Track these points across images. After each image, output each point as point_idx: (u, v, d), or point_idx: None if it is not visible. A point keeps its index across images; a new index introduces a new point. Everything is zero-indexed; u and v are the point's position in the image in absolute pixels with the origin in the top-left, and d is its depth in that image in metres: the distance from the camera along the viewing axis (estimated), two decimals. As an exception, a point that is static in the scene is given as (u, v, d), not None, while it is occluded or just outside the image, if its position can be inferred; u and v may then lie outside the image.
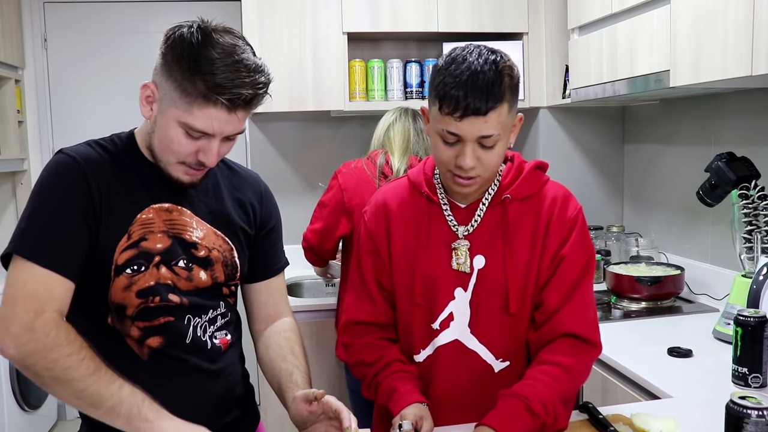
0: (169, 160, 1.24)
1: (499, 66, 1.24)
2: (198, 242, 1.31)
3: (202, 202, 1.34)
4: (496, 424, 1.21)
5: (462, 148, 1.26)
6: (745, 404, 1.14)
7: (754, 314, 1.62)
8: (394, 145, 2.42)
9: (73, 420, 3.98)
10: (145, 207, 1.26)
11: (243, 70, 1.16)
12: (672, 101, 2.75)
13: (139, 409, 1.12)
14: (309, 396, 1.25)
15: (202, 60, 1.14)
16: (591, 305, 1.40)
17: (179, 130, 1.19)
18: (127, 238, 1.23)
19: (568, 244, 1.36)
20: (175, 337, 1.28)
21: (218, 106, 1.15)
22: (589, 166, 3.21)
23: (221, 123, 1.18)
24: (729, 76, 1.80)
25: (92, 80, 3.84)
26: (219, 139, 1.21)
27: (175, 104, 1.18)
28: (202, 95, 1.14)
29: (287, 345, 1.41)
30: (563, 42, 2.98)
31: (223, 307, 1.36)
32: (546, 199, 1.39)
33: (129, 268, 1.23)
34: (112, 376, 1.13)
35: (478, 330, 1.37)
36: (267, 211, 1.45)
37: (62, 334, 1.12)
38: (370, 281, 1.43)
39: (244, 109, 1.19)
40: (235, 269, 1.37)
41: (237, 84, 1.15)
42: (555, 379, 1.29)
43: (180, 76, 1.15)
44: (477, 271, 1.36)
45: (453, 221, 1.39)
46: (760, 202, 2.00)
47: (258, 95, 1.19)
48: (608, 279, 2.55)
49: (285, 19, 2.93)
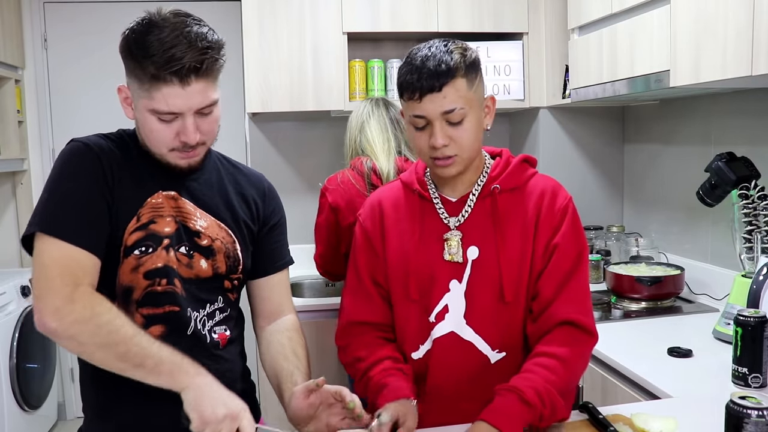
0: (159, 150, 1.28)
1: (449, 47, 1.31)
2: (201, 231, 1.34)
3: (205, 195, 1.37)
4: (492, 418, 1.21)
5: (432, 129, 1.32)
6: (745, 404, 1.14)
7: (754, 314, 1.62)
8: (375, 148, 2.34)
9: (73, 420, 3.98)
10: (153, 193, 1.31)
11: (183, 41, 1.18)
12: (672, 101, 2.75)
13: (179, 366, 1.16)
14: (310, 386, 1.25)
15: (146, 45, 1.19)
16: (586, 293, 1.41)
17: (151, 117, 1.23)
18: (136, 220, 1.27)
19: (560, 234, 1.38)
20: (176, 327, 1.30)
21: (169, 82, 1.18)
22: (589, 166, 3.21)
23: (181, 98, 1.20)
24: (729, 76, 1.80)
25: (92, 80, 3.84)
26: (191, 115, 1.23)
27: (140, 95, 1.22)
28: (153, 76, 1.18)
29: (290, 345, 1.42)
30: (563, 42, 2.98)
31: (222, 302, 1.37)
32: (535, 190, 1.41)
33: (137, 249, 1.27)
34: (151, 339, 1.18)
35: (474, 320, 1.38)
36: (270, 208, 1.47)
37: (101, 303, 1.17)
38: (367, 279, 1.45)
39: (196, 78, 1.20)
40: (237, 262, 1.39)
41: (177, 56, 1.17)
42: (550, 370, 1.30)
43: (133, 66, 1.21)
44: (471, 262, 1.38)
45: (444, 214, 1.41)
46: (760, 202, 2.00)
47: (204, 60, 1.20)
48: (608, 279, 2.55)
49: (285, 19, 2.93)
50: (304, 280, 3.20)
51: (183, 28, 1.20)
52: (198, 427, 1.12)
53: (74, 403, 4.01)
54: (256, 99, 2.93)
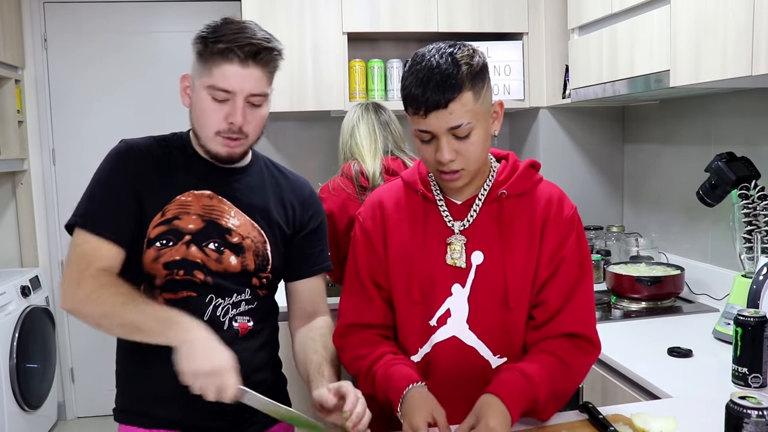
0: (206, 134, 1.37)
1: (455, 56, 1.26)
2: (233, 229, 1.42)
3: (244, 195, 1.45)
4: (501, 392, 1.24)
5: (438, 143, 1.28)
6: (745, 404, 1.14)
7: (754, 314, 1.62)
8: (363, 150, 2.42)
9: (73, 420, 3.99)
10: (186, 191, 1.41)
11: (250, 32, 1.33)
12: (672, 101, 2.75)
13: (173, 322, 1.25)
14: (341, 391, 1.26)
15: (218, 29, 1.33)
16: (591, 305, 1.42)
17: (206, 96, 1.33)
18: (161, 215, 1.38)
19: (567, 246, 1.38)
20: (193, 312, 1.34)
21: (231, 60, 1.30)
22: (589, 166, 3.21)
23: (238, 78, 1.31)
24: (729, 76, 1.80)
25: (92, 80, 3.84)
26: (242, 98, 1.33)
27: (200, 75, 1.34)
28: (218, 53, 1.31)
29: (321, 340, 1.47)
30: (563, 42, 2.98)
31: (249, 294, 1.44)
32: (541, 197, 1.40)
33: (158, 241, 1.37)
34: (147, 302, 1.30)
35: (477, 326, 1.37)
36: (308, 215, 1.54)
37: (104, 278, 1.31)
38: (367, 280, 1.43)
39: (254, 63, 1.33)
40: (267, 261, 1.45)
41: (243, 39, 1.31)
42: (555, 374, 1.32)
43: (202, 49, 1.33)
44: (475, 267, 1.37)
45: (449, 217, 1.39)
46: (760, 202, 2.00)
47: (266, 48, 1.34)
48: (608, 279, 2.55)
49: (285, 19, 2.93)
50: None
51: (251, 26, 1.36)
52: (186, 380, 1.20)
53: (74, 402, 4.01)
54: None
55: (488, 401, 1.23)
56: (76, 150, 3.81)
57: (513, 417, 1.23)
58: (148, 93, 3.84)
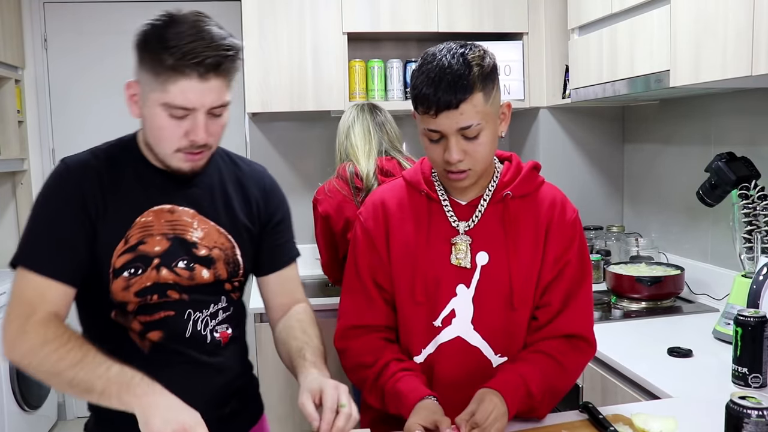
0: (165, 150, 1.26)
1: (467, 57, 1.26)
2: (198, 242, 1.33)
3: (205, 200, 1.36)
4: (499, 388, 1.27)
5: (447, 142, 1.28)
6: (745, 404, 1.14)
7: (754, 314, 1.62)
8: (357, 151, 2.44)
9: (73, 420, 3.98)
10: (145, 210, 1.29)
11: (206, 38, 1.18)
12: (672, 101, 2.75)
13: (128, 386, 1.13)
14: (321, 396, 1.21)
15: (166, 37, 1.17)
16: (591, 306, 1.45)
17: (163, 113, 1.21)
18: (124, 242, 1.27)
19: (572, 249, 1.40)
20: (174, 332, 1.31)
21: (189, 75, 1.17)
22: (589, 166, 3.21)
23: (197, 93, 1.19)
24: (729, 76, 1.80)
25: (92, 80, 3.84)
26: (203, 113, 1.21)
27: (152, 89, 1.20)
28: (172, 68, 1.16)
29: (299, 326, 1.43)
30: (563, 42, 2.98)
31: (225, 301, 1.38)
32: (545, 199, 1.41)
33: (126, 271, 1.27)
34: (100, 361, 1.15)
35: (482, 326, 1.38)
36: (272, 206, 1.47)
37: (51, 331, 1.18)
38: (368, 280, 1.43)
39: (215, 75, 1.19)
40: (237, 266, 1.39)
41: (201, 50, 1.16)
42: (550, 373, 1.35)
43: (150, 59, 1.19)
44: (480, 267, 1.37)
45: (453, 217, 1.39)
46: (760, 202, 2.00)
47: (226, 58, 1.20)
48: (608, 279, 2.55)
49: (285, 19, 2.93)
50: (304, 280, 3.15)
51: (203, 26, 1.20)
52: None
53: (74, 403, 4.01)
54: (256, 99, 2.93)
55: (488, 391, 1.26)
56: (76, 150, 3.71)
57: (510, 412, 1.26)
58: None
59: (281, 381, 2.73)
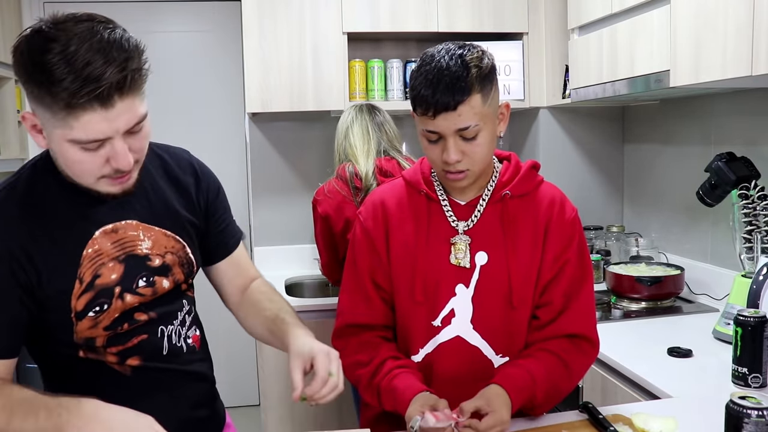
0: (87, 181, 1.12)
1: (465, 59, 1.27)
2: (149, 253, 1.25)
3: (143, 206, 1.26)
4: (507, 385, 1.28)
5: (445, 143, 1.29)
6: (745, 404, 1.14)
7: (754, 314, 1.62)
8: (356, 151, 2.45)
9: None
10: (87, 241, 1.18)
11: (97, 56, 0.99)
12: (672, 101, 2.76)
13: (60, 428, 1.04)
14: None
15: (48, 67, 0.98)
16: (593, 305, 1.46)
17: (72, 148, 1.06)
18: (79, 283, 1.16)
19: (571, 248, 1.40)
20: (152, 353, 1.27)
21: (88, 108, 1.00)
22: (589, 166, 3.21)
23: (107, 122, 1.03)
24: (729, 76, 1.80)
25: (92, 80, 3.84)
26: (120, 138, 1.07)
27: (53, 125, 1.04)
28: (68, 105, 0.99)
29: (264, 297, 1.41)
30: (563, 42, 2.98)
31: (186, 304, 1.35)
32: (544, 198, 1.42)
33: (91, 311, 1.18)
34: (28, 411, 1.06)
35: (481, 326, 1.38)
36: (204, 188, 1.38)
37: None
38: (366, 280, 1.43)
39: (120, 97, 1.02)
40: (191, 265, 1.34)
41: (94, 75, 0.98)
42: (555, 375, 1.35)
43: (39, 93, 1.01)
44: (479, 267, 1.37)
45: (453, 217, 1.40)
46: (760, 202, 2.00)
47: (128, 74, 1.02)
48: (608, 279, 2.55)
49: (285, 19, 2.93)
50: (304, 280, 3.20)
51: (91, 38, 1.00)
52: None
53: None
54: (256, 99, 2.93)
55: (497, 392, 1.26)
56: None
57: (513, 408, 1.27)
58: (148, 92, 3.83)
59: (282, 381, 2.73)
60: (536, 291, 1.39)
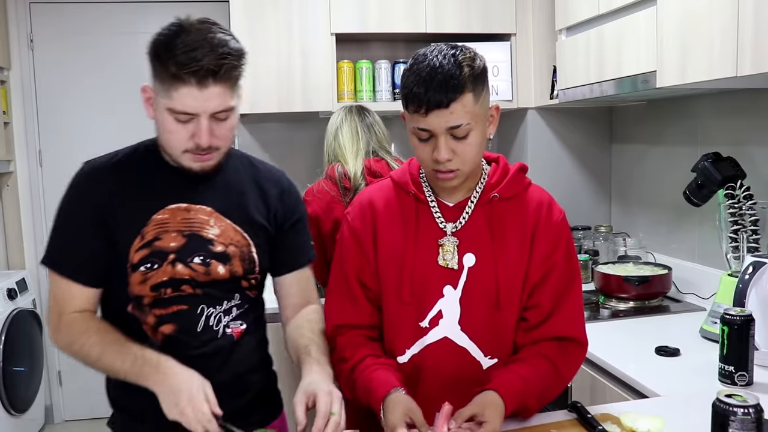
0: (174, 152, 1.33)
1: (458, 58, 1.27)
2: (214, 239, 1.39)
3: (221, 198, 1.42)
4: (502, 390, 1.28)
5: (436, 141, 1.29)
6: (731, 402, 1.15)
7: (740, 313, 1.63)
8: (345, 152, 2.46)
9: (60, 423, 3.96)
10: (161, 208, 1.36)
11: (206, 46, 1.22)
12: (659, 102, 2.77)
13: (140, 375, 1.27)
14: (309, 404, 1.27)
15: (171, 46, 1.23)
16: (582, 307, 1.46)
17: (169, 117, 1.27)
18: (140, 239, 1.35)
19: (559, 250, 1.40)
20: (186, 325, 1.38)
21: (188, 83, 1.22)
22: (576, 167, 3.22)
23: (198, 100, 1.24)
24: (715, 77, 1.81)
25: (79, 81, 3.82)
26: (205, 117, 1.27)
27: (160, 95, 1.27)
28: (173, 76, 1.22)
29: (308, 325, 1.47)
30: (551, 43, 2.99)
31: (239, 298, 1.44)
32: (532, 201, 1.42)
33: (143, 266, 1.35)
34: (117, 352, 1.30)
35: (469, 327, 1.38)
36: (288, 208, 1.51)
37: (75, 329, 1.34)
38: (353, 280, 1.43)
39: (214, 81, 1.24)
40: (253, 263, 1.44)
41: (198, 57, 1.21)
42: (547, 380, 1.36)
43: (157, 66, 1.25)
44: (467, 269, 1.37)
45: (441, 218, 1.40)
46: (746, 202, 2.01)
47: (223, 65, 1.23)
48: (596, 279, 2.56)
49: (273, 20, 2.93)
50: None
51: (207, 33, 1.24)
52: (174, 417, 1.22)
53: (61, 406, 3.98)
54: (244, 100, 2.90)
55: (493, 400, 1.26)
56: (63, 151, 3.79)
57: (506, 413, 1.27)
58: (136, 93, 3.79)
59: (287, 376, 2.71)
60: (524, 293, 1.39)
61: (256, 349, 1.51)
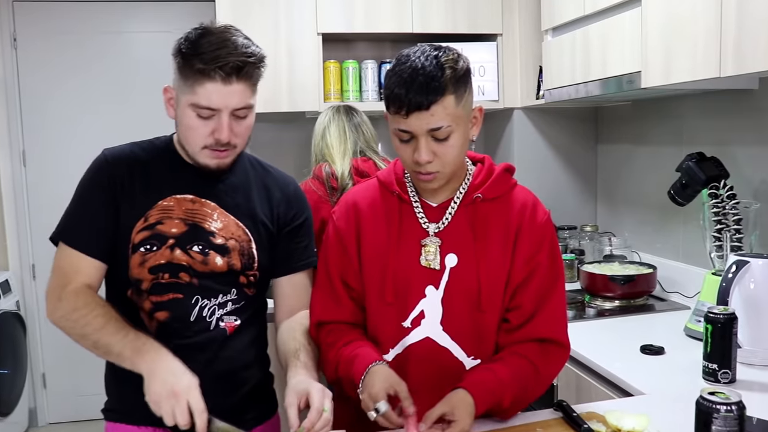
0: (193, 148, 1.39)
1: (440, 60, 1.27)
2: (216, 231, 1.43)
3: (228, 196, 1.47)
4: (472, 389, 1.27)
5: (417, 143, 1.29)
6: (714, 399, 1.15)
7: (724, 311, 1.64)
8: (333, 151, 2.47)
9: (45, 426, 3.93)
10: (168, 196, 1.42)
11: (230, 45, 1.31)
12: (644, 102, 2.79)
13: (139, 351, 1.28)
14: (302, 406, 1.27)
15: (197, 45, 1.31)
16: (564, 309, 1.45)
17: (191, 113, 1.34)
18: (143, 221, 1.40)
19: (542, 251, 1.40)
20: (179, 314, 1.41)
21: (213, 78, 1.30)
22: (562, 167, 3.24)
23: (221, 95, 1.31)
24: (698, 77, 1.82)
25: (63, 81, 3.79)
26: (227, 114, 1.33)
27: (183, 92, 1.34)
28: (199, 72, 1.30)
29: (300, 329, 1.48)
30: (537, 43, 3.01)
31: (235, 293, 1.46)
32: (516, 201, 1.42)
33: (142, 247, 1.40)
34: (120, 327, 1.32)
35: (451, 327, 1.38)
36: (293, 211, 1.55)
37: (81, 299, 1.36)
38: (336, 279, 1.44)
39: (238, 79, 1.31)
40: (252, 259, 1.47)
41: (224, 55, 1.29)
42: (526, 380, 1.35)
43: (183, 64, 1.32)
44: (449, 269, 1.37)
45: (424, 219, 1.40)
46: (729, 202, 2.03)
47: (248, 63, 1.32)
48: (582, 278, 2.57)
49: (259, 20, 2.92)
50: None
51: (231, 36, 1.33)
52: (153, 407, 1.22)
53: (46, 409, 3.95)
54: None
55: (463, 399, 1.25)
56: (47, 152, 3.75)
57: (477, 412, 1.27)
58: (121, 93, 3.79)
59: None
60: (506, 294, 1.39)
61: (250, 347, 1.51)
